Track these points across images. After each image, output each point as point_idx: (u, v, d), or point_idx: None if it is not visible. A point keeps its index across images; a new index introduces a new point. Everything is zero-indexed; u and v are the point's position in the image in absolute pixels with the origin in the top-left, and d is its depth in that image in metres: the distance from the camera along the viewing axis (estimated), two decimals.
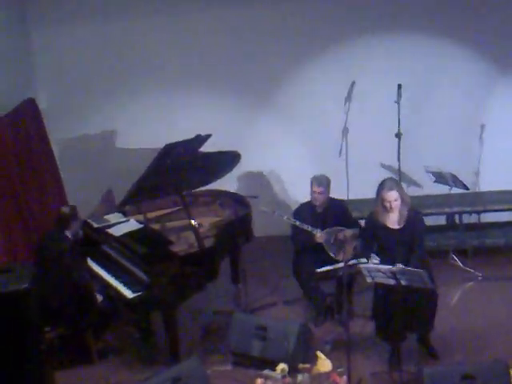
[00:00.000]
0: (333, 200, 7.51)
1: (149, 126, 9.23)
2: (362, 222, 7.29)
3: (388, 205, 6.34)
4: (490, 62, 9.07)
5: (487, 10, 8.86)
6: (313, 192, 7.37)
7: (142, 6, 9.07)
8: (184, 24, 9.11)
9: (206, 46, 9.16)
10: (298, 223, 7.29)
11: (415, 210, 6.53)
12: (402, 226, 6.42)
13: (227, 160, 7.58)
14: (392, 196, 6.30)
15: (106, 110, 9.33)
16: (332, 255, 7.09)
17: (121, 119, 9.36)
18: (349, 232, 7.16)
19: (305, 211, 7.46)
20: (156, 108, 9.32)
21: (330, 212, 7.43)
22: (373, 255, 6.36)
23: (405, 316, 6.14)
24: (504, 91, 9.15)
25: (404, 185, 7.83)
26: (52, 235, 6.87)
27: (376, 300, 6.45)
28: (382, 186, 6.40)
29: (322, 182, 7.35)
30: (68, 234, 6.78)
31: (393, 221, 6.43)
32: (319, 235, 7.17)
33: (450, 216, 8.90)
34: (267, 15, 9.09)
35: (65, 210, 6.87)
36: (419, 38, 9.04)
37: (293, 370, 6.33)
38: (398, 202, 6.35)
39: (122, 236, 6.81)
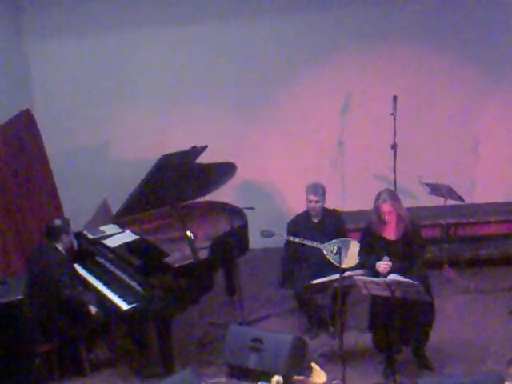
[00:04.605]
0: (328, 210, 7.49)
1: (145, 137, 9.24)
2: (357, 234, 7.33)
3: (382, 216, 6.33)
4: (485, 75, 9.10)
5: (481, 22, 8.90)
6: (309, 201, 7.33)
7: (137, 17, 9.10)
8: (178, 36, 9.14)
9: (201, 57, 9.19)
10: (298, 240, 7.23)
11: (413, 222, 6.50)
12: (398, 237, 6.40)
13: (223, 171, 7.61)
14: (385, 208, 6.29)
15: (103, 121, 9.33)
16: (338, 264, 6.87)
17: (117, 130, 9.36)
18: (354, 242, 7.18)
19: (300, 221, 7.45)
20: (152, 119, 9.34)
21: (325, 222, 7.42)
22: (385, 257, 6.29)
23: (401, 328, 6.16)
24: (499, 104, 9.18)
25: (399, 196, 7.82)
26: (42, 248, 6.85)
27: (373, 310, 6.44)
28: (377, 197, 6.39)
29: (317, 190, 7.32)
30: (59, 246, 6.74)
31: (390, 232, 6.41)
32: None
33: (444, 227, 8.90)
34: (262, 27, 9.13)
35: (55, 222, 6.83)
36: (415, 50, 9.09)
37: (288, 382, 6.31)
38: (393, 215, 6.33)
39: (117, 247, 6.81)
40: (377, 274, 6.24)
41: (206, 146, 7.26)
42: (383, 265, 6.22)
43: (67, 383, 6.69)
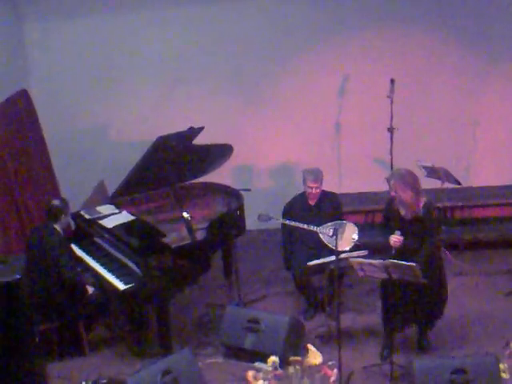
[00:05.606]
0: (325, 192, 7.48)
1: (142, 118, 9.22)
2: (354, 216, 7.33)
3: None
4: (483, 58, 9.08)
5: (480, 7, 8.89)
6: (309, 188, 7.31)
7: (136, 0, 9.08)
8: (178, 18, 9.10)
9: (199, 39, 9.15)
10: (294, 223, 7.24)
11: (428, 202, 6.43)
12: (413, 216, 6.37)
13: (220, 153, 7.60)
14: (389, 186, 6.32)
15: (99, 102, 9.30)
16: (333, 247, 6.88)
17: (113, 111, 9.34)
18: (350, 225, 7.22)
19: (297, 204, 7.45)
20: (149, 100, 9.31)
21: (322, 204, 7.41)
22: (397, 232, 6.27)
23: (412, 303, 6.32)
24: (497, 87, 9.17)
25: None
26: (41, 229, 6.83)
27: (383, 284, 6.44)
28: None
29: (318, 176, 7.30)
30: (57, 227, 6.73)
31: (405, 210, 6.42)
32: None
33: (441, 211, 8.90)
34: (261, 9, 9.09)
35: (55, 202, 6.80)
36: (413, 32, 9.07)
37: (284, 363, 6.33)
38: (397, 194, 6.31)
39: (114, 228, 6.79)
40: (389, 247, 6.26)
41: (203, 127, 7.25)
42: (394, 238, 6.24)
43: (66, 363, 6.70)
